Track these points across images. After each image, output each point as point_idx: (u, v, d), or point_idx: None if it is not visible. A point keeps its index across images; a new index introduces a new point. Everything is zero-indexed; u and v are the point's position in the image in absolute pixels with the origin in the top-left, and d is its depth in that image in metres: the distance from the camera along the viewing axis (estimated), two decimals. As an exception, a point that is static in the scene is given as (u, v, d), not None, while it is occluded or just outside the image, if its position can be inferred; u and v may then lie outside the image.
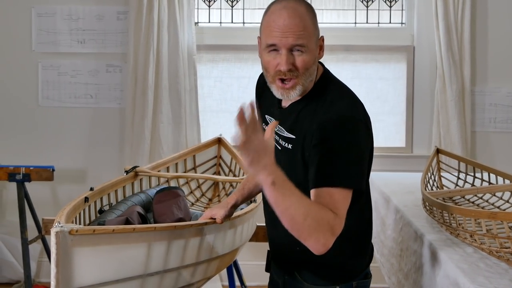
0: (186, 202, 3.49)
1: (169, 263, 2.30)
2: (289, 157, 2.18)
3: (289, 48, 2.09)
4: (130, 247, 2.11)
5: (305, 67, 2.12)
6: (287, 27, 2.07)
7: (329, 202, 1.98)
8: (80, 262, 1.95)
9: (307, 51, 2.11)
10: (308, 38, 2.11)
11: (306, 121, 2.15)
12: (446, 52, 4.84)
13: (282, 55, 2.10)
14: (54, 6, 5.11)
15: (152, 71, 4.91)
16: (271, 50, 2.13)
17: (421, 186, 3.01)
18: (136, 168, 3.65)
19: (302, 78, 2.13)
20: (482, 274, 2.06)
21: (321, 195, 2.00)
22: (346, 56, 5.12)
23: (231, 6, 5.20)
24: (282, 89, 2.15)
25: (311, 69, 2.14)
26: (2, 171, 4.48)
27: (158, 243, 2.22)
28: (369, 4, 5.18)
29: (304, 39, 2.09)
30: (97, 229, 1.99)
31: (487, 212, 2.17)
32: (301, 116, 2.19)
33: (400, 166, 4.88)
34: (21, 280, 4.92)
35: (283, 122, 2.23)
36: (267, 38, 2.13)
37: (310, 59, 2.12)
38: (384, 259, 3.41)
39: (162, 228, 2.25)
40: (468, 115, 4.92)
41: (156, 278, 2.27)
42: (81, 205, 2.82)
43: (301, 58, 2.10)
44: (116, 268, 2.07)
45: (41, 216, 4.13)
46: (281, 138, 2.23)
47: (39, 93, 5.15)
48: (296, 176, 2.06)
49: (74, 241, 1.91)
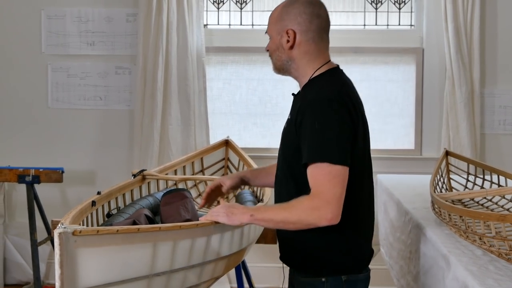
0: (194, 204, 3.49)
1: (175, 264, 2.29)
2: (285, 134, 2.45)
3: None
4: (135, 248, 2.11)
5: (271, 50, 2.49)
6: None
7: (310, 178, 2.21)
8: (84, 262, 1.95)
9: (270, 38, 2.49)
10: (270, 26, 2.49)
11: (296, 106, 2.39)
12: (455, 54, 4.82)
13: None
14: (63, 9, 5.13)
15: (161, 73, 4.92)
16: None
17: (430, 188, 3.00)
18: (144, 172, 3.65)
19: (272, 58, 2.49)
20: (491, 277, 2.06)
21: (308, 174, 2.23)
22: (355, 58, 5.11)
23: (240, 8, 5.20)
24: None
25: (274, 53, 2.47)
26: (12, 172, 4.50)
27: (164, 244, 2.22)
28: (378, 6, 5.18)
29: (269, 26, 2.49)
30: (101, 229, 1.99)
31: (496, 215, 2.16)
32: (294, 102, 2.45)
33: (409, 168, 4.88)
34: (31, 281, 4.94)
35: (291, 108, 2.47)
36: None
37: (272, 45, 2.48)
38: (393, 261, 3.41)
39: (167, 228, 2.24)
40: (477, 117, 4.91)
41: (163, 278, 2.27)
42: (88, 209, 2.82)
43: (269, 43, 2.50)
44: (122, 269, 2.07)
45: (51, 218, 4.14)
46: (287, 120, 2.47)
47: (48, 95, 5.17)
48: (284, 149, 2.43)
49: (78, 242, 1.91)
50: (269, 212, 2.28)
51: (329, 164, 2.18)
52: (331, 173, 2.17)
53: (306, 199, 2.18)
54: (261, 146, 5.11)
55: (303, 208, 2.17)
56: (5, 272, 5.09)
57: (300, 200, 2.20)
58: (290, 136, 2.37)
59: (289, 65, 2.45)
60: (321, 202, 2.15)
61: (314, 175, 2.20)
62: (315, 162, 2.20)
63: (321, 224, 2.16)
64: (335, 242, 2.35)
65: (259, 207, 2.34)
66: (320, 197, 2.16)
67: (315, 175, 2.19)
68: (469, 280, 2.06)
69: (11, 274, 5.09)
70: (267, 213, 2.28)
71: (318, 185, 2.18)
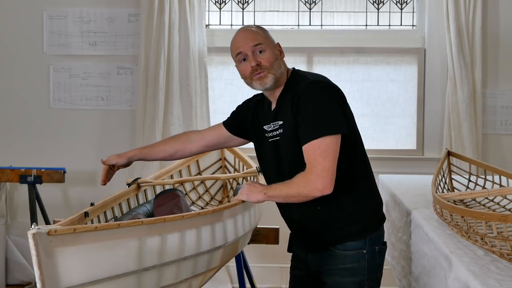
0: (186, 201, 3.50)
1: (165, 257, 2.29)
2: (284, 138, 2.64)
3: (251, 50, 2.64)
4: (118, 244, 2.10)
5: (269, 61, 2.64)
6: (245, 37, 2.67)
7: (304, 155, 2.48)
8: (64, 262, 1.94)
9: (266, 49, 2.65)
10: (263, 39, 2.67)
11: (287, 105, 2.61)
12: (457, 54, 4.82)
13: (248, 57, 2.65)
14: (65, 9, 5.14)
15: (163, 73, 4.92)
16: (241, 59, 2.68)
17: (432, 188, 3.00)
18: (138, 180, 3.64)
19: (271, 70, 2.64)
20: (493, 277, 2.05)
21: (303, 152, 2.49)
22: (357, 58, 5.11)
23: (242, 8, 5.21)
24: (258, 79, 2.65)
25: (275, 62, 2.65)
26: (14, 173, 4.50)
27: (150, 238, 2.21)
28: (380, 7, 5.18)
29: (259, 40, 2.65)
30: (78, 227, 1.99)
31: (498, 215, 2.16)
32: (281, 105, 2.67)
33: (411, 169, 4.88)
34: (32, 281, 4.94)
35: (276, 118, 2.68)
36: (235, 50, 2.69)
37: (271, 55, 2.65)
38: (395, 261, 3.41)
39: (150, 222, 2.23)
40: (479, 118, 4.91)
41: (154, 272, 2.26)
42: (81, 219, 2.82)
43: (264, 55, 2.64)
44: (107, 265, 2.07)
45: (52, 218, 4.14)
46: (274, 130, 2.68)
47: (50, 95, 5.18)
48: (294, 147, 2.56)
49: (54, 241, 1.91)
50: (276, 189, 2.56)
51: (320, 139, 2.46)
52: (320, 148, 2.45)
53: (301, 175, 2.48)
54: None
55: (299, 183, 2.47)
56: (7, 272, 5.09)
57: (297, 176, 2.49)
58: (291, 132, 2.59)
59: (281, 73, 2.69)
60: (312, 175, 2.44)
61: (306, 151, 2.48)
62: (308, 141, 2.47)
63: (315, 194, 2.45)
64: (352, 202, 2.65)
65: (270, 185, 2.60)
66: (312, 171, 2.45)
67: (307, 151, 2.48)
68: (470, 281, 2.06)
69: (13, 274, 5.09)
70: (275, 190, 2.56)
71: (310, 160, 2.46)
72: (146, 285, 2.24)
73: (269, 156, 2.73)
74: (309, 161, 2.46)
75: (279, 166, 2.68)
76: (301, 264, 2.83)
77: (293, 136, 2.57)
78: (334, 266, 2.66)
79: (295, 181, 2.50)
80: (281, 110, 2.65)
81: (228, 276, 5.01)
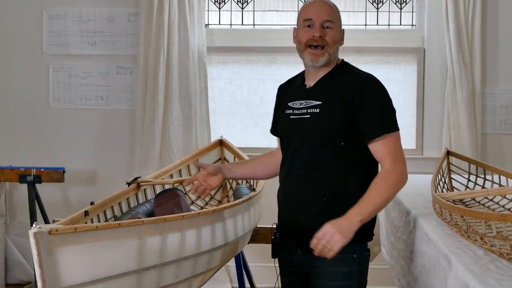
0: (187, 201, 3.50)
1: (165, 256, 2.29)
2: (318, 118, 2.63)
3: (321, 22, 2.64)
4: (119, 243, 2.10)
5: (333, 41, 2.66)
6: (321, 7, 2.67)
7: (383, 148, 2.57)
8: (65, 261, 1.94)
9: (335, 28, 2.67)
10: (335, 19, 2.68)
11: (335, 89, 2.65)
12: (457, 54, 4.82)
13: (315, 27, 2.64)
14: (65, 8, 5.14)
15: (162, 73, 4.92)
16: (306, 25, 2.66)
17: (431, 188, 3.00)
18: (138, 179, 3.64)
19: (329, 49, 2.66)
20: (492, 277, 2.06)
21: (378, 146, 2.58)
22: (356, 58, 5.09)
23: (242, 8, 5.21)
24: (312, 55, 2.65)
25: (336, 44, 2.70)
26: (13, 172, 4.50)
27: (151, 237, 2.22)
28: (379, 6, 5.18)
29: (333, 17, 2.67)
30: (79, 227, 1.99)
31: (497, 214, 2.16)
32: (323, 87, 2.68)
33: (410, 168, 4.80)
34: (32, 281, 4.94)
35: (310, 97, 2.69)
36: (304, 15, 2.68)
37: (336, 36, 2.69)
38: (394, 261, 3.41)
39: (151, 221, 2.24)
40: (478, 117, 4.91)
41: (154, 272, 2.27)
42: (80, 218, 2.82)
43: (330, 33, 2.66)
44: (107, 265, 2.07)
45: (52, 218, 4.13)
46: (308, 108, 2.66)
47: (50, 95, 5.18)
48: (324, 128, 2.60)
49: (55, 241, 1.91)
50: (369, 206, 2.48)
51: (396, 132, 2.62)
52: (398, 139, 2.61)
53: (389, 172, 2.54)
54: (262, 146, 5.09)
55: (394, 180, 2.53)
56: (6, 271, 5.09)
57: (383, 177, 2.53)
58: (329, 115, 2.60)
59: (335, 57, 2.75)
60: (401, 165, 2.56)
61: (387, 144, 2.58)
62: (388, 133, 2.59)
63: (405, 183, 2.57)
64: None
65: (357, 209, 2.47)
66: (400, 162, 2.56)
67: (387, 144, 2.58)
68: (470, 280, 2.06)
69: (13, 274, 5.09)
70: (369, 208, 2.48)
71: (393, 152, 2.57)
72: (146, 284, 2.25)
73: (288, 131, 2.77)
74: (392, 153, 2.56)
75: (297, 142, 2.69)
76: (289, 267, 2.78)
77: (330, 118, 2.60)
78: (324, 269, 2.62)
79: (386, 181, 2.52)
80: (321, 92, 2.67)
81: (227, 275, 5.01)
